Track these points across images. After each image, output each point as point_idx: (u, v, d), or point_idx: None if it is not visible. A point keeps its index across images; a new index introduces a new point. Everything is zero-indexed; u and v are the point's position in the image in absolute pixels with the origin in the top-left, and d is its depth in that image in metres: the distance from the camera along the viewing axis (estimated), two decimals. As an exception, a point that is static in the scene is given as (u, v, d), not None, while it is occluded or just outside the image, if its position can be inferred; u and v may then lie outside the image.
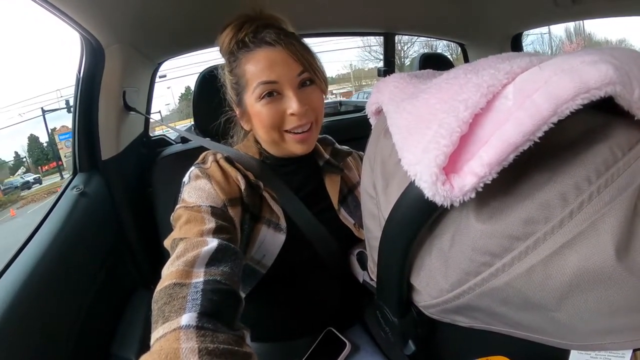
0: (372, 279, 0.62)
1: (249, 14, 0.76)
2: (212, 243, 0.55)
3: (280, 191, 0.75)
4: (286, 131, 0.73)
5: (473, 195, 0.31)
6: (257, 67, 0.70)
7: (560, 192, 0.32)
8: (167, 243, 0.61)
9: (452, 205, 0.32)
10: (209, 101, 1.16)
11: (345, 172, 0.87)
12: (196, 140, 0.98)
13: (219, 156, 0.73)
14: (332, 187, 0.83)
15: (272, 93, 0.70)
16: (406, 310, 0.50)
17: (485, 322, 0.42)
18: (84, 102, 1.09)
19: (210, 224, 0.60)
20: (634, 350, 0.35)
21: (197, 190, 0.66)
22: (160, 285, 0.50)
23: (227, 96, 0.82)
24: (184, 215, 0.62)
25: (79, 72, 1.07)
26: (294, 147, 0.74)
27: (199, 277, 0.50)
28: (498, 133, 0.30)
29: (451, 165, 0.32)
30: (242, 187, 0.70)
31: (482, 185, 0.31)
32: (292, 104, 0.69)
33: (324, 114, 0.78)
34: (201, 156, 0.75)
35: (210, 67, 1.16)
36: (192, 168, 0.72)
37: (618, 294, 0.31)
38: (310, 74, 0.72)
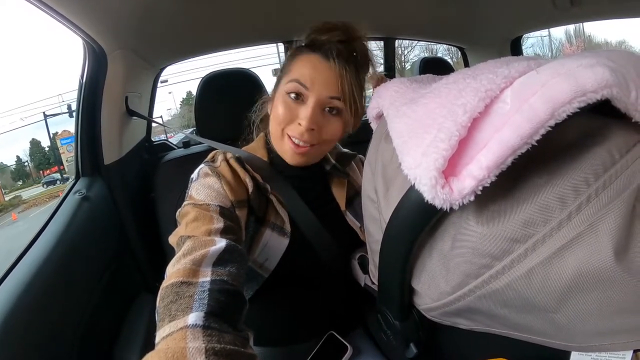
0: (373, 283, 0.62)
1: (343, 32, 0.72)
2: (221, 243, 0.55)
3: (287, 194, 0.75)
4: (288, 135, 0.72)
5: (472, 198, 0.32)
6: (303, 67, 0.70)
7: (559, 195, 0.32)
8: (172, 240, 0.60)
9: (452, 209, 0.33)
10: (211, 106, 1.17)
11: (351, 175, 0.87)
12: (205, 142, 0.98)
13: (229, 155, 0.73)
14: (339, 191, 0.83)
15: (299, 96, 0.70)
16: (407, 313, 0.50)
17: (485, 324, 0.42)
18: (87, 107, 1.09)
19: (219, 223, 0.60)
20: (635, 351, 0.35)
21: (206, 188, 0.66)
22: (166, 283, 0.49)
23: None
24: (191, 212, 0.62)
25: (82, 78, 1.08)
26: (287, 153, 0.73)
27: (206, 277, 0.49)
28: (496, 137, 0.30)
29: (450, 169, 0.32)
30: (250, 189, 0.70)
31: (481, 188, 0.31)
32: (304, 115, 0.68)
33: (334, 142, 0.76)
34: (210, 155, 0.75)
35: (212, 72, 1.17)
36: (202, 165, 0.72)
37: (617, 295, 0.31)
38: (342, 104, 0.70)
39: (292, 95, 0.70)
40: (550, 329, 0.36)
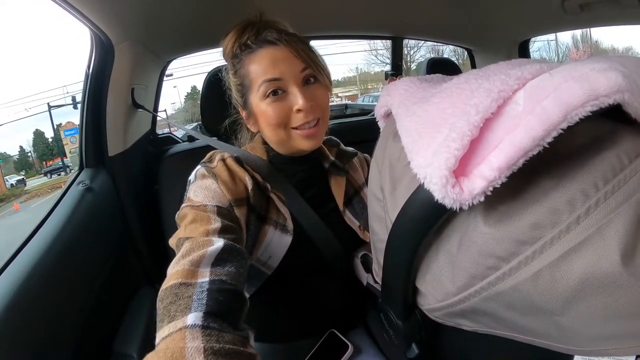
0: (376, 282, 0.62)
1: (249, 18, 0.76)
2: (218, 243, 0.55)
3: (287, 192, 0.75)
4: (293, 128, 0.72)
5: (482, 198, 0.32)
6: (260, 66, 0.71)
7: (568, 198, 0.32)
8: (172, 242, 0.61)
9: (460, 209, 0.33)
10: (217, 101, 1.17)
11: (351, 173, 0.87)
12: (204, 140, 0.98)
13: (226, 155, 0.73)
14: (338, 189, 0.83)
15: (276, 91, 0.70)
16: (410, 313, 0.50)
17: (489, 326, 0.42)
18: (93, 98, 1.09)
19: (216, 223, 0.60)
20: (638, 357, 0.35)
21: (203, 189, 0.66)
22: (165, 284, 0.50)
23: (232, 99, 0.82)
24: (189, 214, 0.62)
25: (88, 68, 1.08)
26: (302, 143, 0.73)
27: (204, 277, 0.50)
28: (508, 138, 0.30)
29: (461, 169, 0.32)
30: (249, 187, 0.70)
31: (491, 189, 0.31)
32: (297, 100, 0.69)
33: (329, 113, 0.78)
34: (208, 155, 0.75)
35: (218, 67, 1.17)
36: (199, 167, 0.72)
37: (623, 299, 0.31)
38: (314, 71, 0.72)
39: (271, 94, 0.70)
40: (555, 332, 0.36)
